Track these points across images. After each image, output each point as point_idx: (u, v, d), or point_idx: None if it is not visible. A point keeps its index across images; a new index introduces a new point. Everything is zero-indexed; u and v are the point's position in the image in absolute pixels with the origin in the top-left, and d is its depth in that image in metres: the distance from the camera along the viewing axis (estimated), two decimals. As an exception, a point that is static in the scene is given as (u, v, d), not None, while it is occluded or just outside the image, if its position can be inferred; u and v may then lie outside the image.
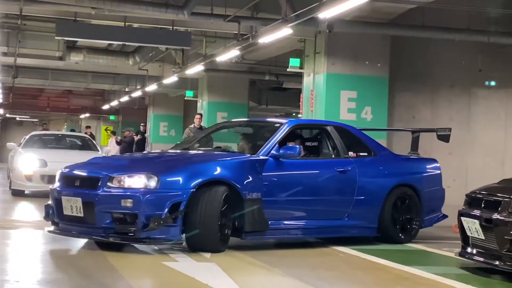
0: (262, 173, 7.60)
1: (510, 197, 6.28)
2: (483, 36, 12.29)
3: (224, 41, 15.72)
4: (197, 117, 15.86)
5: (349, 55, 12.49)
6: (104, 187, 7.01)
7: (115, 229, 6.96)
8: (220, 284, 5.67)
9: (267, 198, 7.57)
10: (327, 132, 8.62)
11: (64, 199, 7.25)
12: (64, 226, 7.37)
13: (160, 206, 6.89)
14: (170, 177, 7.07)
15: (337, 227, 8.30)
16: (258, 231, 7.55)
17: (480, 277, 6.43)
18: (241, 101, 19.68)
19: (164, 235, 6.96)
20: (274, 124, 8.43)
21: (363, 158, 8.74)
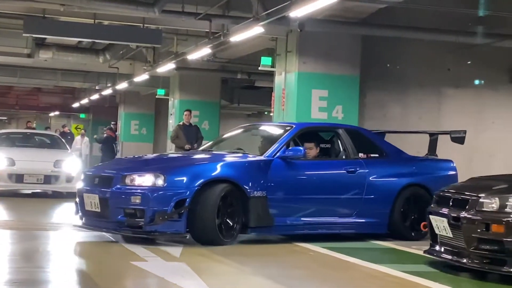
0: (268, 173, 8.08)
1: (477, 196, 6.33)
2: (452, 35, 12.41)
3: (196, 39, 15.66)
4: (185, 113, 14.88)
5: (320, 54, 12.52)
6: (117, 185, 7.68)
7: (126, 223, 7.56)
8: (190, 284, 5.64)
9: (273, 196, 8.04)
10: (338, 134, 9.04)
11: (85, 196, 8.01)
12: (87, 221, 8.10)
13: (166, 203, 7.48)
14: (176, 176, 7.65)
15: (345, 224, 8.66)
16: (263, 227, 8.02)
17: (448, 274, 6.48)
18: (213, 99, 19.63)
19: (169, 229, 7.54)
20: (285, 127, 8.90)
21: (373, 159, 9.09)
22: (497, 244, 6.06)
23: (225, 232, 7.77)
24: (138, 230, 7.57)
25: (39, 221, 9.90)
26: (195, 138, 14.53)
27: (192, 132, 14.62)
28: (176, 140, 14.56)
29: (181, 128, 14.65)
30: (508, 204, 6.07)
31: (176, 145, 14.69)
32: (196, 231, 7.69)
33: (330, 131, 9.40)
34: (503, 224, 6.01)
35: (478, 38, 12.75)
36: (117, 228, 7.67)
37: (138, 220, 7.52)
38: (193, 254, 7.24)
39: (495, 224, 6.07)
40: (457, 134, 9.53)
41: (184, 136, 14.40)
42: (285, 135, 8.60)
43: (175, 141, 14.66)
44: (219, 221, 7.70)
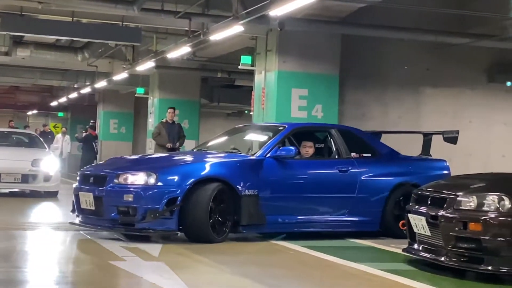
0: (260, 172, 8.25)
1: (455, 194, 6.36)
2: (431, 35, 12.47)
3: (175, 38, 15.61)
4: (169, 111, 14.68)
5: (300, 53, 12.53)
6: (111, 183, 7.87)
7: (120, 220, 7.77)
8: (168, 284, 5.62)
9: (264, 195, 8.20)
10: (330, 134, 9.19)
11: (81, 194, 8.20)
12: (82, 219, 8.28)
13: (158, 201, 7.66)
14: (168, 175, 7.83)
15: (337, 222, 8.79)
16: (255, 224, 8.18)
17: (426, 273, 6.51)
18: (192, 98, 19.59)
19: (161, 227, 7.73)
20: (278, 127, 9.09)
21: (365, 159, 9.26)
22: (474, 243, 6.10)
23: (217, 229, 7.92)
24: (131, 228, 7.77)
25: (17, 221, 9.81)
26: (178, 136, 14.39)
27: (175, 130, 14.44)
28: (158, 137, 14.37)
29: (164, 125, 14.44)
30: (486, 202, 6.11)
31: (157, 143, 14.50)
32: (188, 229, 7.85)
33: (322, 131, 9.54)
34: (480, 223, 6.05)
35: (457, 38, 12.83)
36: (111, 226, 7.90)
37: (131, 218, 7.71)
38: (172, 253, 7.21)
39: (472, 223, 6.11)
40: (450, 134, 9.62)
41: (167, 134, 14.23)
42: (277, 135, 8.76)
43: (156, 139, 14.45)
44: (211, 219, 7.84)
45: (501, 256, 5.95)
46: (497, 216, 6.01)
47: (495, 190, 6.22)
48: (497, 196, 6.08)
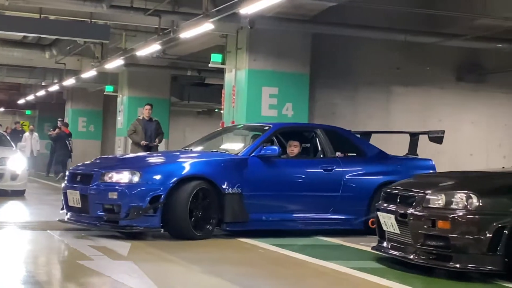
0: (243, 171, 8.42)
1: (424, 192, 6.39)
2: (401, 34, 12.55)
3: (145, 35, 15.52)
4: (146, 107, 14.06)
5: (271, 51, 12.53)
6: (96, 181, 8.04)
7: (105, 218, 7.95)
8: (137, 283, 5.56)
9: (248, 193, 8.36)
10: (315, 134, 9.34)
11: (69, 193, 8.38)
12: (70, 216, 8.44)
13: (141, 198, 7.81)
14: (152, 173, 8.00)
15: (321, 220, 8.90)
16: (238, 222, 8.34)
17: (395, 270, 6.53)
18: (162, 96, 19.50)
19: (144, 224, 7.86)
20: (263, 127, 9.28)
21: (350, 158, 9.38)
22: (443, 240, 6.13)
23: (200, 227, 8.07)
24: (115, 225, 7.93)
25: (-17, 220, 9.65)
26: (155, 134, 13.85)
27: (152, 127, 13.90)
28: (133, 135, 13.83)
29: (140, 122, 13.95)
30: (454, 200, 6.15)
31: (132, 140, 13.99)
32: (170, 226, 7.98)
33: (307, 131, 9.67)
34: (448, 221, 6.08)
35: (427, 37, 12.93)
36: (97, 223, 8.05)
37: (115, 215, 7.88)
38: (141, 252, 7.15)
39: (441, 221, 6.14)
40: (435, 134, 9.73)
41: (143, 131, 13.72)
42: (262, 135, 8.96)
43: (132, 136, 13.93)
44: (193, 216, 8.00)
45: (469, 254, 5.99)
46: (465, 214, 6.04)
47: (463, 188, 6.26)
48: (465, 194, 6.12)
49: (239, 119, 12.48)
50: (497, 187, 6.33)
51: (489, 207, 6.03)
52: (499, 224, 5.93)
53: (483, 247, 5.94)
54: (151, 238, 8.12)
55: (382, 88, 14.28)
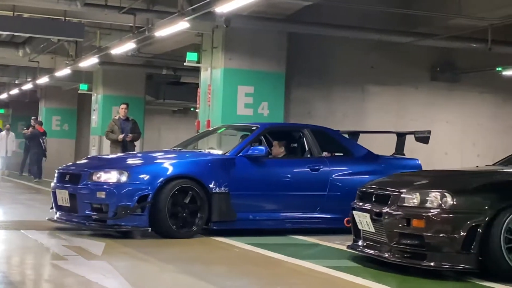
0: (231, 170, 8.54)
1: (399, 191, 6.42)
2: (375, 34, 12.61)
3: (120, 34, 15.42)
4: (122, 107, 13.80)
5: (246, 50, 12.52)
6: (85, 181, 8.18)
7: (93, 217, 8.08)
8: (111, 283, 5.53)
9: (235, 192, 8.46)
10: (303, 134, 9.44)
11: (57, 192, 8.56)
12: (60, 215, 8.60)
13: (129, 198, 7.93)
14: (139, 173, 8.11)
15: (308, 219, 8.97)
16: (226, 221, 8.45)
17: (370, 269, 6.55)
18: (137, 95, 19.39)
19: (132, 223, 7.99)
20: (251, 127, 9.40)
21: (337, 158, 9.50)
22: (417, 239, 6.16)
23: (187, 225, 8.19)
24: (104, 224, 8.05)
25: (-45, 220, 9.54)
26: (132, 133, 13.54)
27: (128, 127, 13.60)
28: (110, 134, 13.57)
29: (117, 122, 13.69)
30: (429, 199, 6.18)
31: (110, 140, 13.68)
32: (157, 225, 8.05)
33: (294, 131, 9.77)
34: (423, 219, 6.11)
35: (401, 36, 13.00)
36: (85, 222, 8.17)
37: (103, 214, 8.01)
38: (115, 252, 7.11)
39: (415, 219, 6.17)
40: (421, 134, 9.85)
41: (120, 131, 13.42)
42: (249, 135, 9.09)
43: (109, 136, 13.64)
44: (180, 215, 8.12)
45: (443, 252, 6.03)
46: (439, 213, 6.08)
47: (437, 187, 6.29)
48: (440, 193, 6.16)
49: (215, 118, 12.46)
50: (471, 186, 6.38)
51: (463, 206, 6.08)
52: (473, 223, 5.97)
53: (457, 245, 5.98)
54: (126, 239, 8.07)
55: (357, 87, 14.34)
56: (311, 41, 13.41)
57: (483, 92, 15.44)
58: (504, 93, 15.44)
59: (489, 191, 6.19)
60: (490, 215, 5.96)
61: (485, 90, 15.43)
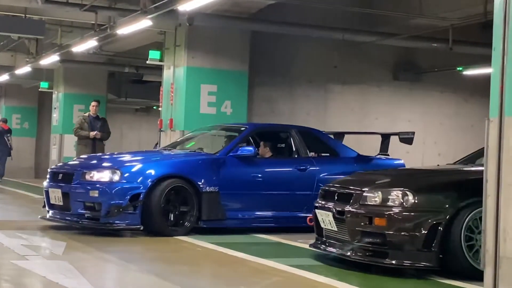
0: (220, 170, 8.76)
1: (361, 190, 6.46)
2: (338, 33, 12.65)
3: (81, 31, 15.25)
4: (93, 104, 13.67)
5: (209, 48, 12.47)
6: (78, 180, 8.38)
7: (86, 215, 8.28)
8: (72, 283, 5.45)
9: (225, 192, 8.69)
10: (290, 134, 9.67)
11: (50, 191, 8.75)
12: (52, 214, 8.79)
13: (122, 196, 8.13)
14: (132, 172, 8.33)
15: (295, 218, 9.07)
16: (215, 219, 8.65)
17: (333, 267, 6.58)
18: (99, 93, 19.14)
19: (124, 221, 8.17)
20: (240, 128, 9.69)
21: (324, 158, 9.76)
22: (379, 237, 6.21)
23: (177, 224, 8.39)
24: (96, 222, 8.22)
25: None
26: (101, 132, 13.40)
27: (98, 125, 13.45)
28: (80, 131, 13.35)
29: (86, 119, 13.45)
30: (390, 198, 6.23)
31: (79, 137, 13.47)
32: (148, 223, 8.24)
33: (282, 131, 10.03)
34: (385, 217, 6.16)
35: (364, 36, 13.07)
36: (78, 220, 8.36)
37: (96, 213, 8.19)
38: (76, 251, 7.03)
39: (377, 218, 6.21)
40: (405, 135, 10.12)
41: (89, 129, 13.27)
42: (238, 136, 9.33)
43: (78, 133, 13.41)
44: (171, 213, 8.34)
45: (404, 250, 6.08)
46: (401, 211, 6.13)
47: (399, 185, 6.34)
48: (401, 192, 6.21)
49: (178, 117, 12.40)
50: (432, 185, 6.45)
51: (424, 204, 6.14)
52: (434, 221, 6.03)
53: (419, 243, 6.03)
54: (87, 238, 7.99)
55: (320, 86, 14.38)
56: (274, 40, 13.42)
57: (444, 92, 15.61)
58: (465, 92, 15.63)
59: (449, 190, 6.26)
60: (450, 214, 6.03)
61: (446, 90, 15.60)
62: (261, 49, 13.37)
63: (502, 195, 4.82)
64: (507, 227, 4.78)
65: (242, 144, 9.14)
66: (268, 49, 13.60)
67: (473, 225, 6.01)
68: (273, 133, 10.00)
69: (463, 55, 13.84)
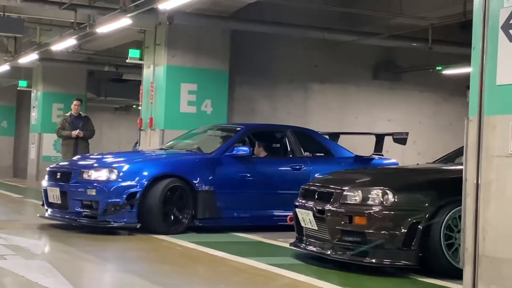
0: (216, 170, 8.94)
1: (341, 189, 6.47)
2: (318, 32, 12.67)
3: (60, 30, 15.14)
4: (74, 103, 13.50)
5: (189, 47, 12.44)
6: (76, 179, 8.56)
7: (84, 214, 8.44)
8: (52, 282, 5.42)
9: (220, 191, 8.87)
10: (285, 134, 9.85)
11: (49, 189, 8.91)
12: (51, 212, 8.94)
13: (119, 195, 8.29)
14: (128, 171, 8.48)
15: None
16: (211, 218, 8.81)
17: (313, 266, 6.59)
18: (78, 92, 19.01)
19: (121, 219, 8.31)
20: (236, 128, 9.84)
21: (319, 158, 9.95)
22: (359, 236, 6.22)
23: (173, 222, 8.57)
24: (94, 220, 8.37)
25: None
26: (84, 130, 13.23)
27: (80, 124, 13.26)
28: (62, 131, 13.23)
29: (68, 119, 13.31)
30: (370, 196, 6.25)
31: (62, 137, 13.37)
32: (145, 222, 8.40)
33: (277, 132, 10.22)
34: (365, 216, 6.18)
35: (344, 35, 13.10)
36: (76, 218, 8.52)
37: (94, 211, 8.36)
38: (55, 251, 6.99)
39: (357, 216, 6.23)
40: (399, 135, 10.25)
41: (71, 128, 13.15)
42: (234, 136, 9.49)
43: (60, 133, 13.29)
44: (167, 212, 8.50)
45: (384, 249, 6.10)
46: (381, 210, 6.15)
47: (379, 184, 6.36)
48: (381, 190, 6.23)
49: (158, 116, 12.36)
50: (412, 184, 6.48)
51: (404, 203, 6.16)
52: (414, 220, 6.06)
53: (398, 242, 6.06)
54: (66, 238, 7.94)
55: (301, 85, 14.40)
56: (255, 39, 13.42)
57: (424, 91, 15.70)
58: (444, 91, 15.73)
59: (429, 189, 6.29)
60: (430, 212, 6.06)
61: (425, 89, 15.69)
62: (242, 48, 13.36)
63: (482, 194, 4.86)
64: (486, 226, 4.81)
65: (238, 144, 9.28)
66: (248, 48, 13.60)
67: (452, 224, 6.05)
68: (268, 133, 10.19)
69: (443, 54, 13.92)
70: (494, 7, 4.82)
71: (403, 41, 13.25)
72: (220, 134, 10.36)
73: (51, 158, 17.73)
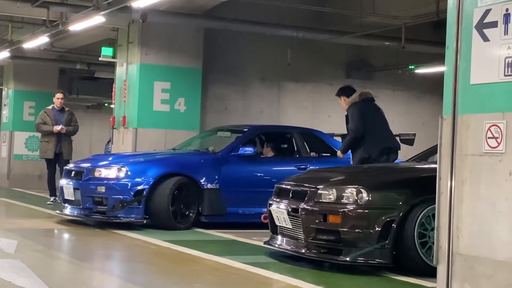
0: (222, 168, 9.38)
1: (316, 187, 6.49)
2: (292, 31, 12.68)
3: (32, 27, 14.98)
4: (57, 96, 12.69)
5: (163, 45, 12.39)
6: (87, 176, 9.11)
7: (94, 209, 9.00)
8: (26, 282, 5.36)
9: (226, 189, 9.29)
10: (291, 135, 10.30)
11: (64, 187, 9.55)
12: (69, 209, 9.46)
13: (126, 192, 8.80)
14: (136, 169, 9.03)
15: None
16: (216, 215, 9.24)
17: (287, 264, 6.60)
18: (50, 90, 18.82)
19: (129, 215, 8.82)
20: (243, 129, 10.27)
21: (324, 157, 10.28)
22: (333, 234, 6.25)
23: (180, 218, 9.02)
24: (103, 216, 8.91)
25: None
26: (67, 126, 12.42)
27: (63, 118, 12.49)
28: (43, 126, 12.37)
29: (50, 112, 12.48)
30: (345, 195, 6.27)
31: (42, 132, 12.48)
32: (153, 218, 8.87)
33: (283, 133, 10.63)
34: (339, 215, 6.20)
35: (317, 34, 13.14)
36: (88, 214, 9.09)
37: (103, 207, 8.89)
38: (28, 250, 6.92)
39: (332, 215, 6.25)
40: (406, 136, 10.43)
41: (53, 122, 12.31)
42: (240, 136, 9.92)
43: (41, 128, 12.42)
44: (174, 208, 8.92)
45: (358, 248, 6.13)
46: (355, 208, 6.18)
47: (353, 183, 6.39)
48: (355, 189, 6.25)
49: (131, 114, 12.29)
50: (386, 182, 6.52)
51: (378, 202, 6.20)
52: (388, 218, 6.09)
53: (372, 240, 6.09)
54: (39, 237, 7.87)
55: (274, 84, 14.42)
56: (228, 37, 13.41)
57: (396, 90, 15.80)
58: (416, 90, 15.84)
59: (403, 187, 6.33)
60: (404, 211, 6.10)
61: (398, 88, 15.79)
62: (215, 46, 13.35)
63: (456, 193, 4.89)
64: (460, 224, 4.85)
65: (244, 144, 9.65)
66: (221, 46, 13.58)
67: (426, 222, 6.10)
68: (275, 134, 10.64)
69: (415, 53, 14.02)
70: (468, 7, 4.85)
71: (376, 40, 13.32)
72: (229, 135, 10.68)
73: (22, 156, 17.56)
